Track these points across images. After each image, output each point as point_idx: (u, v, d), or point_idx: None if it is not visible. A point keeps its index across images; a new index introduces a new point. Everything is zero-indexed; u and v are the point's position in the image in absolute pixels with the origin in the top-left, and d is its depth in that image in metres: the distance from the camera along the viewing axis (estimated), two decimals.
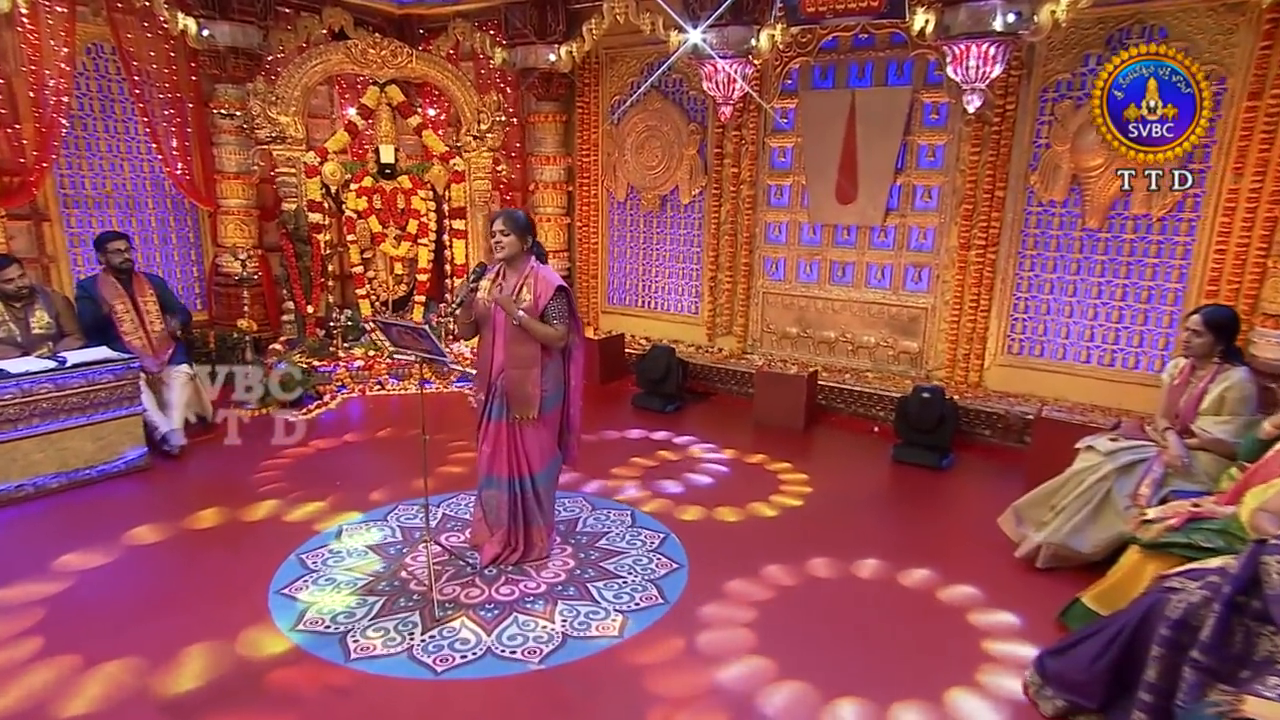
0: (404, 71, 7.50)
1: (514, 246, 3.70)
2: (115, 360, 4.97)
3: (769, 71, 6.96)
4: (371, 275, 7.68)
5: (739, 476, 5.30)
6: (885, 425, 6.20)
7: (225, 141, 7.26)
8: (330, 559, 3.99)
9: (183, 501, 4.69)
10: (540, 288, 3.69)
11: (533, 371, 3.73)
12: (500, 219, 3.71)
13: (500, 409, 3.82)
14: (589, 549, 4.17)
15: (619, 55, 7.99)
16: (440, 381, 7.35)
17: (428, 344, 3.42)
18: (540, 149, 8.29)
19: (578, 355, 3.90)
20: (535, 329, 3.67)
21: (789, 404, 6.29)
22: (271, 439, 5.81)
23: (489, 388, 3.84)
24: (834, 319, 7.05)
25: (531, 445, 3.84)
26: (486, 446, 3.88)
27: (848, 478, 5.31)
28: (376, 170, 7.47)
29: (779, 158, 7.18)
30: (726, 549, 4.22)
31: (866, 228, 6.74)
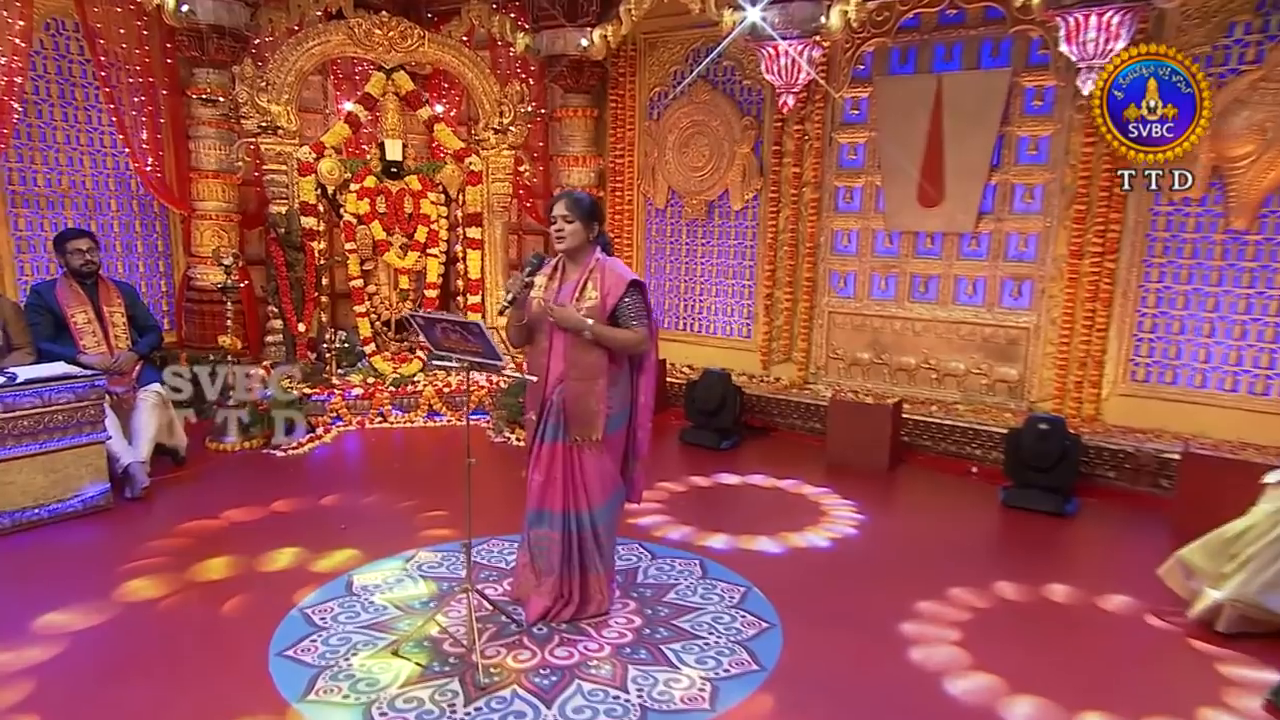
0: (414, 56, 7.35)
1: (578, 236, 3.49)
2: (76, 377, 4.70)
3: (838, 55, 6.80)
4: (372, 290, 7.44)
5: (823, 524, 4.99)
6: (985, 466, 5.91)
7: (204, 134, 7.10)
8: (341, 614, 3.66)
9: (157, 548, 4.38)
10: (609, 283, 3.46)
11: (597, 384, 3.48)
12: (562, 202, 3.51)
13: (556, 429, 3.55)
14: (656, 604, 3.85)
15: (660, 40, 7.87)
16: (452, 414, 7.06)
17: (480, 343, 3.14)
18: (567, 148, 8.13)
19: (649, 365, 3.65)
20: (611, 337, 3.44)
21: (870, 440, 6.00)
22: (257, 476, 5.57)
23: (543, 403, 3.58)
24: (915, 342, 6.80)
25: (592, 474, 3.57)
26: (537, 474, 3.60)
27: (954, 527, 4.99)
28: (381, 169, 7.28)
29: (849, 155, 7.00)
30: (822, 606, 3.89)
31: (955, 235, 6.52)
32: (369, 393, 6.93)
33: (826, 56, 6.74)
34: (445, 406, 7.06)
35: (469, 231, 7.64)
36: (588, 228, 3.50)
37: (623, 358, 3.55)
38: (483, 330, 3.09)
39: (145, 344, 5.51)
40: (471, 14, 8.10)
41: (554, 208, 3.52)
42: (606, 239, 3.66)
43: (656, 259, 8.23)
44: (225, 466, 5.80)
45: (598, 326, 3.41)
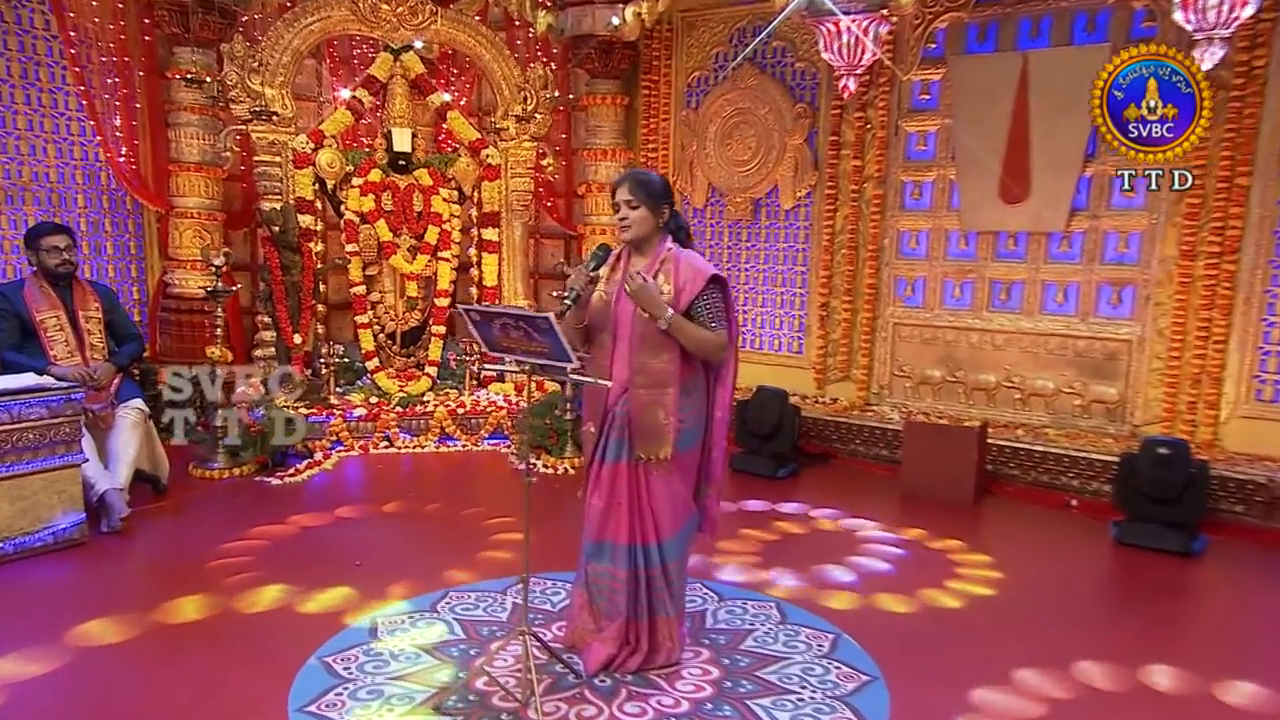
0: (424, 35, 7.24)
1: (645, 223, 3.34)
2: (49, 390, 4.50)
3: (906, 33, 6.67)
4: (376, 298, 7.27)
5: (912, 563, 4.81)
6: (1085, 498, 5.72)
7: (185, 122, 6.98)
8: (369, 663, 3.45)
9: (144, 587, 4.20)
10: (684, 277, 3.31)
11: (668, 393, 3.31)
12: (626, 184, 3.35)
13: (620, 446, 3.39)
14: (732, 652, 3.65)
15: (700, 19, 7.78)
16: (467, 437, 6.85)
17: (548, 342, 2.95)
18: (594, 141, 8.02)
19: (727, 374, 3.49)
20: (690, 333, 3.27)
21: (953, 468, 5.80)
22: (250, 507, 5.39)
23: (605, 416, 3.42)
24: (995, 357, 6.62)
25: (661, 499, 3.39)
26: (597, 499, 3.43)
27: (1062, 565, 4.77)
28: (387, 161, 7.14)
29: (918, 146, 6.87)
30: (927, 657, 3.68)
31: (1042, 235, 6.36)
32: (373, 414, 6.73)
33: (893, 34, 6.60)
34: (460, 430, 6.87)
35: (485, 233, 7.50)
36: (656, 213, 3.35)
37: (697, 364, 3.39)
38: (553, 326, 2.90)
39: (125, 354, 5.33)
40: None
41: (616, 190, 3.37)
42: (682, 224, 3.50)
43: None
44: (213, 496, 5.61)
45: (679, 321, 3.24)
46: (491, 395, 7.23)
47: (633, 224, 3.34)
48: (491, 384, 7.40)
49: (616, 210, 3.38)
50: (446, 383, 7.36)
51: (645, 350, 3.31)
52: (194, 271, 7.15)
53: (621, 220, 3.35)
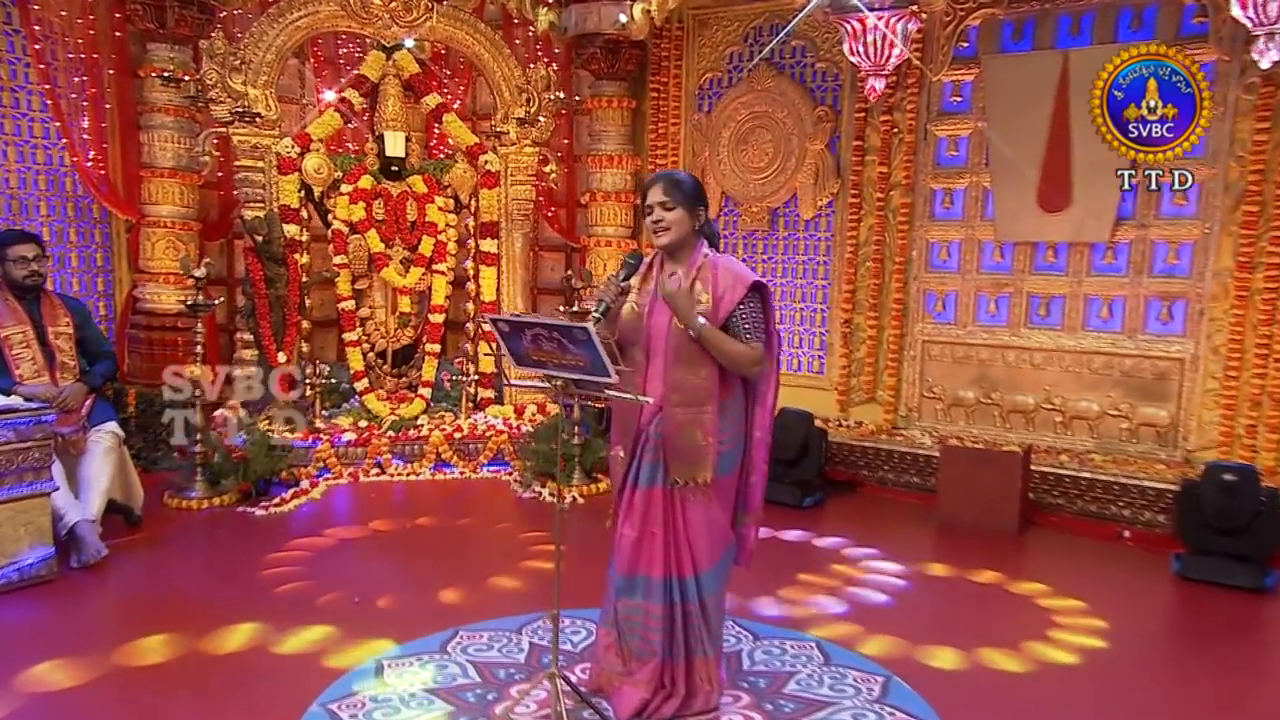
0: (419, 32, 7.16)
1: (681, 226, 3.28)
2: (17, 412, 4.36)
3: (935, 30, 6.64)
4: (365, 314, 7.14)
5: (959, 600, 4.68)
6: (1139, 529, 5.64)
7: (159, 124, 6.89)
8: (377, 710, 3.31)
9: (110, 627, 4.08)
10: (723, 285, 3.25)
11: (706, 412, 3.25)
12: (659, 185, 3.30)
13: (654, 470, 3.31)
14: (775, 697, 3.55)
15: (713, 17, 7.74)
16: (465, 464, 6.72)
17: (585, 355, 2.85)
18: (599, 146, 7.95)
19: (767, 392, 3.44)
20: (721, 345, 3.20)
21: (995, 496, 5.71)
22: (232, 540, 5.29)
23: (638, 437, 3.34)
24: (1033, 377, 6.55)
25: (698, 528, 3.30)
26: (629, 528, 3.34)
27: (1127, 607, 4.64)
28: (379, 167, 7.04)
29: (948, 151, 6.82)
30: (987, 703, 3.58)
31: (1084, 245, 6.30)
32: (363, 439, 6.59)
33: (922, 32, 6.55)
34: (457, 456, 6.73)
35: (483, 244, 7.39)
36: (692, 215, 3.30)
37: (736, 382, 3.33)
38: (591, 336, 2.81)
39: (98, 374, 5.19)
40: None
41: (648, 192, 3.31)
42: (713, 230, 3.44)
43: None
44: (191, 528, 5.49)
45: (710, 330, 3.18)
46: (490, 418, 7.10)
47: (670, 225, 3.27)
48: (489, 407, 7.28)
49: (649, 214, 3.31)
50: (441, 405, 7.24)
51: (682, 365, 3.23)
52: (167, 285, 7.05)
53: (656, 223, 3.28)
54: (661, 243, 3.30)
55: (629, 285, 3.34)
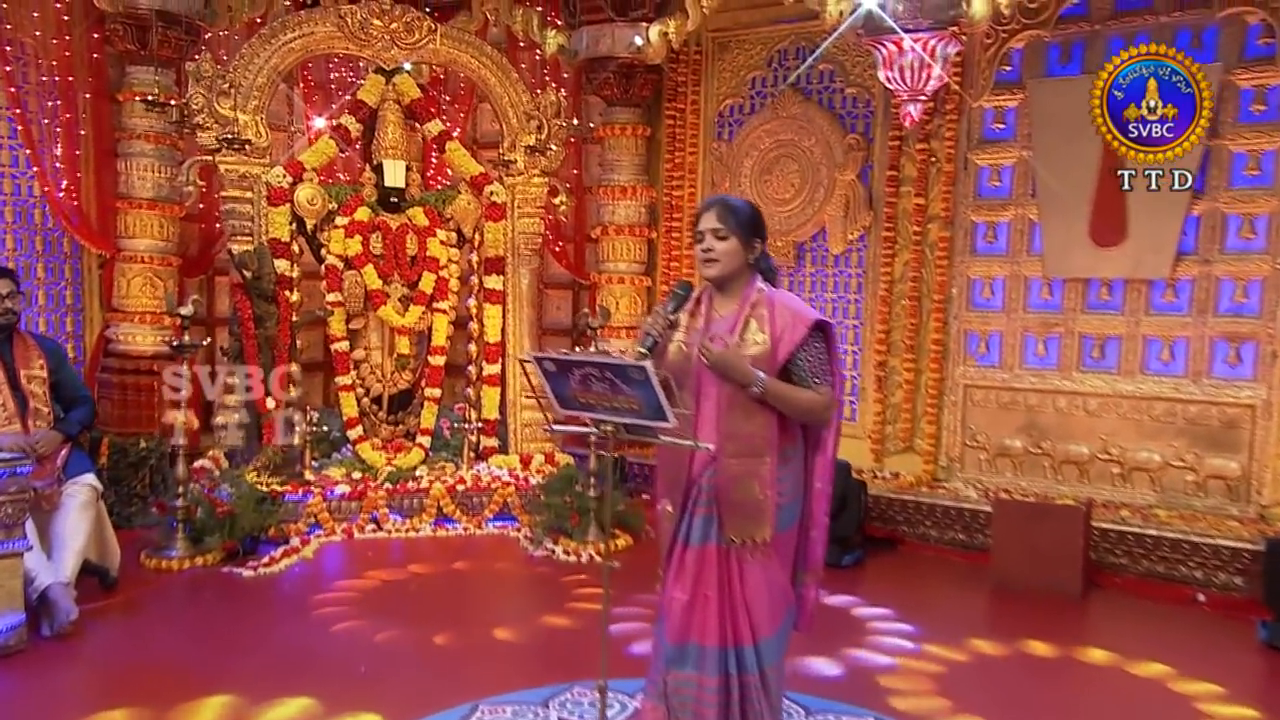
0: (421, 55, 7.10)
1: (734, 257, 3.15)
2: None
3: (976, 53, 6.61)
4: (360, 356, 7.00)
5: (1025, 673, 4.53)
6: (1213, 592, 5.49)
7: (138, 151, 6.85)
8: None
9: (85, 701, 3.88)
10: (781, 324, 3.11)
11: (764, 462, 3.10)
12: (714, 210, 3.16)
13: (706, 526, 3.15)
14: None
15: (734, 40, 7.73)
16: (468, 519, 6.54)
17: (641, 396, 2.70)
18: (612, 177, 7.89)
19: (829, 438, 3.28)
20: (789, 398, 3.06)
21: (1054, 555, 5.55)
22: (218, 605, 5.11)
23: (687, 489, 3.18)
24: (1088, 425, 6.44)
25: (757, 590, 3.13)
26: (680, 591, 3.16)
27: (1217, 682, 4.42)
28: (376, 198, 6.93)
29: (991, 181, 6.76)
30: None
31: (1142, 282, 6.23)
32: (357, 491, 6.41)
33: (961, 55, 6.53)
34: (459, 510, 6.55)
35: (487, 281, 7.27)
36: (747, 246, 3.17)
37: (796, 428, 3.18)
38: (649, 376, 2.66)
39: (75, 421, 5.02)
40: (485, 6, 7.92)
41: (700, 218, 3.18)
42: (769, 264, 3.31)
43: None
44: (172, 591, 5.31)
45: (774, 386, 3.02)
46: (494, 469, 6.94)
47: (720, 258, 3.13)
48: (493, 456, 7.11)
49: (698, 241, 3.18)
50: (440, 455, 7.07)
51: (736, 411, 3.09)
52: (143, 325, 6.97)
53: (706, 253, 3.15)
54: (709, 274, 3.17)
55: (677, 319, 3.19)
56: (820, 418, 3.14)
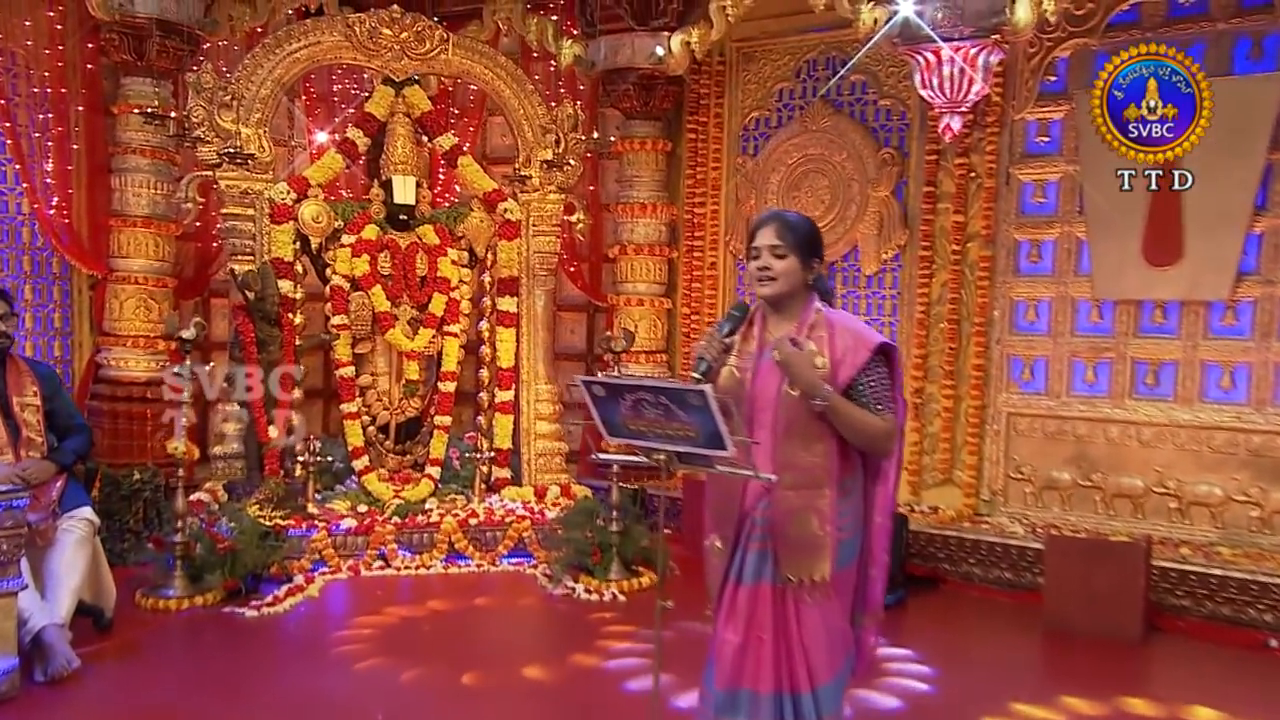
0: (433, 66, 7.06)
1: (793, 276, 3.12)
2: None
3: (1017, 63, 6.56)
4: (366, 382, 6.92)
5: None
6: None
7: (133, 167, 6.85)
8: None
9: None
10: (841, 346, 3.08)
11: (823, 495, 3.07)
12: (772, 225, 3.12)
13: (760, 563, 3.12)
14: None
15: (760, 50, 7.71)
16: (482, 555, 6.44)
17: (698, 423, 2.63)
18: (630, 193, 7.84)
19: (889, 469, 3.24)
20: (854, 419, 3.02)
21: (1113, 596, 5.41)
22: (222, 649, 5.06)
23: (740, 523, 3.15)
24: (1141, 456, 6.36)
25: (815, 632, 3.09)
26: (731, 633, 3.12)
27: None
28: (385, 215, 6.88)
29: (1035, 197, 6.71)
30: None
31: (1200, 305, 6.17)
32: (364, 526, 6.32)
33: (1003, 65, 6.46)
34: (472, 546, 6.44)
35: (501, 303, 7.20)
36: (806, 266, 3.14)
37: (856, 457, 3.14)
38: (708, 401, 2.59)
39: (70, 451, 4.95)
40: (498, 15, 7.93)
41: (757, 234, 3.14)
42: (827, 285, 3.28)
43: None
44: (171, 634, 5.22)
45: (839, 401, 2.98)
46: (507, 502, 6.84)
47: (778, 276, 3.09)
48: (505, 488, 7.02)
49: (754, 258, 3.13)
50: (450, 486, 6.97)
51: (794, 439, 3.05)
52: (136, 349, 6.96)
53: (762, 271, 3.11)
54: (766, 293, 3.12)
55: (733, 341, 3.13)
56: (883, 446, 3.10)
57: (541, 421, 7.21)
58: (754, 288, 3.15)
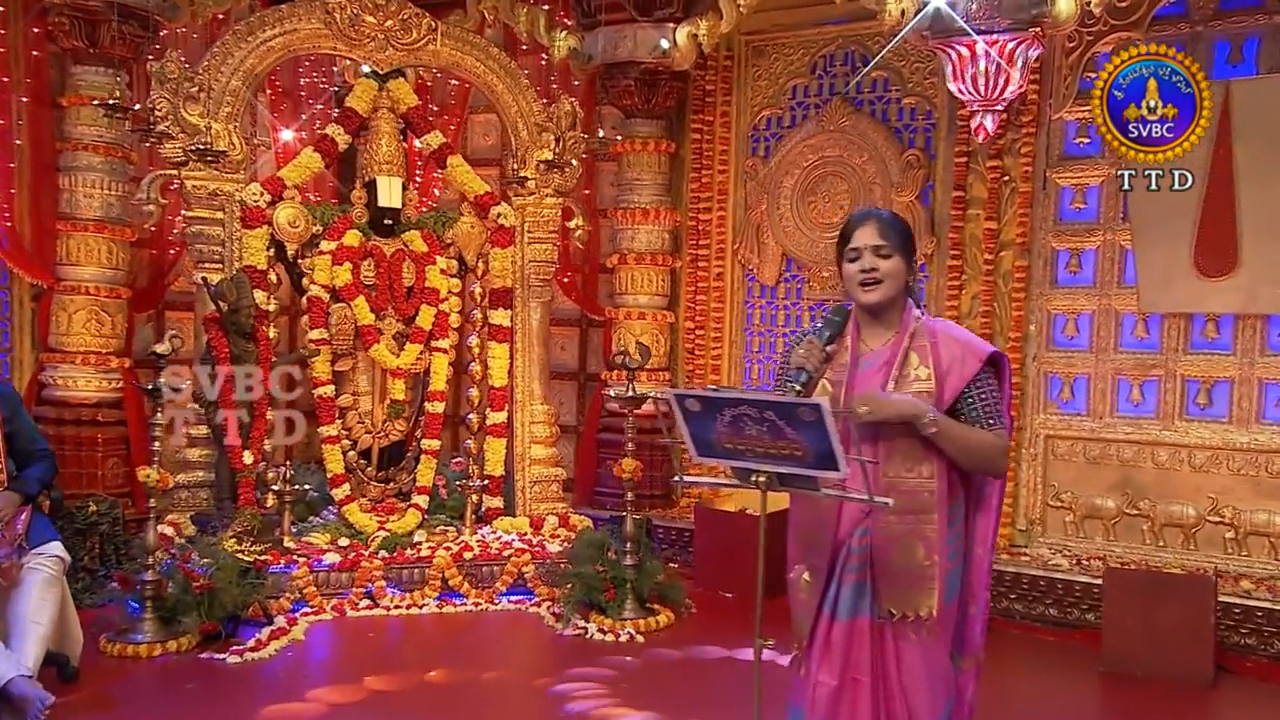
0: (420, 57, 6.95)
1: (898, 280, 3.05)
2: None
3: (1055, 58, 6.61)
4: (346, 402, 6.77)
5: None
6: None
7: (84, 165, 6.78)
8: None
9: None
10: (947, 357, 3.02)
11: (930, 522, 2.99)
12: (873, 224, 3.05)
13: (857, 597, 3.00)
14: None
15: (770, 44, 7.73)
16: (478, 593, 6.29)
17: (809, 441, 2.53)
18: (630, 198, 7.80)
19: (993, 494, 3.16)
20: (966, 443, 2.95)
21: (1179, 634, 5.37)
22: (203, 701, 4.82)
23: (835, 552, 3.03)
24: (1193, 482, 6.40)
25: (915, 675, 3.01)
26: (826, 675, 3.01)
27: None
28: (367, 220, 6.75)
29: (1074, 203, 6.74)
30: None
31: (1256, 319, 6.24)
32: (349, 561, 6.15)
33: (1040, 60, 6.49)
34: (467, 582, 6.30)
35: (493, 316, 7.08)
36: (910, 266, 3.07)
37: (959, 482, 3.05)
38: (822, 417, 2.49)
39: (34, 479, 4.77)
40: (483, 4, 7.84)
41: (855, 234, 3.05)
42: (918, 288, 3.21)
43: (762, 356, 7.88)
44: (143, 683, 5.03)
45: (948, 425, 2.90)
46: (501, 534, 6.71)
47: (885, 279, 3.00)
48: (498, 519, 6.89)
49: (852, 260, 3.04)
50: (438, 517, 6.83)
51: (897, 460, 2.96)
52: (85, 367, 6.86)
53: (867, 274, 3.01)
54: (872, 299, 3.02)
55: (834, 350, 3.04)
56: (997, 465, 3.03)
57: (537, 445, 7.11)
58: (855, 293, 3.06)
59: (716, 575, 6.61)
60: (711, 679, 5.33)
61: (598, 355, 8.31)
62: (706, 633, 5.88)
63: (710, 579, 6.56)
